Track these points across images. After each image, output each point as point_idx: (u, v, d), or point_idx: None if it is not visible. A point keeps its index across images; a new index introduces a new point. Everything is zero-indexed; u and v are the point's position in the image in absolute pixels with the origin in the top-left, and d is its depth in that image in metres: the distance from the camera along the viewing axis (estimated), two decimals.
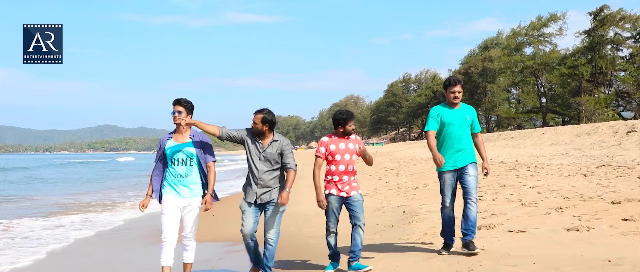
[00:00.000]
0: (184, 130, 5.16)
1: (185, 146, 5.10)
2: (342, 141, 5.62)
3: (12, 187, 25.10)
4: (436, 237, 6.76)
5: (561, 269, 4.75)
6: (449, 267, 5.27)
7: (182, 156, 5.09)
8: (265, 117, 5.24)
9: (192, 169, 5.11)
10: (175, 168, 5.09)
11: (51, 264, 7.50)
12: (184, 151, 5.09)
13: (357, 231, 5.56)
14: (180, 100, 5.10)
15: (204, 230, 9.46)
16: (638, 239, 5.59)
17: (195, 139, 5.17)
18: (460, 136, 5.74)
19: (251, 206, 5.31)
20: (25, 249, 8.42)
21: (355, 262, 5.54)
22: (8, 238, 9.37)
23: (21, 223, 11.16)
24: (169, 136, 5.20)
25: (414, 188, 12.97)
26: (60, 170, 48.45)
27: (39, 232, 9.99)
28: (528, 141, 27.80)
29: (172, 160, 5.10)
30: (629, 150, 15.94)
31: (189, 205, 5.10)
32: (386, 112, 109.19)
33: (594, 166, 13.49)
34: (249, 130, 5.36)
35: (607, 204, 7.54)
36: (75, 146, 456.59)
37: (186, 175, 5.08)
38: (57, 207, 15.02)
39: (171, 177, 5.10)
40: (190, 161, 5.11)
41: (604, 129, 23.77)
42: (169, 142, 5.14)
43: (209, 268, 6.46)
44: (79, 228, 10.57)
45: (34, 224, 11.11)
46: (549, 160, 17.54)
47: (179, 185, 5.07)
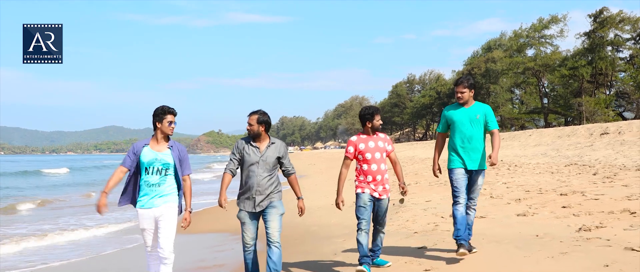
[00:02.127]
0: (164, 139, 4.94)
1: (163, 154, 4.87)
2: (371, 139, 5.49)
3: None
4: (416, 224, 8.32)
5: (501, 242, 6.28)
6: (418, 242, 6.82)
7: (158, 166, 4.85)
8: (260, 118, 5.13)
9: (166, 179, 4.88)
10: (148, 177, 4.84)
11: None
12: (160, 160, 4.85)
13: (379, 234, 5.62)
14: (173, 110, 4.93)
15: (206, 223, 10.96)
16: (566, 221, 7.14)
17: (174, 149, 4.95)
18: (471, 134, 5.66)
19: (250, 215, 5.15)
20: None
21: (376, 258, 5.69)
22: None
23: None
24: (145, 143, 4.94)
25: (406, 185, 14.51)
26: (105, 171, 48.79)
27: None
28: (516, 142, 29.40)
29: (146, 169, 4.85)
30: (598, 151, 17.49)
31: (162, 214, 4.82)
32: (391, 112, 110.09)
33: (563, 165, 15.05)
34: (239, 143, 5.24)
35: (556, 196, 9.11)
36: (81, 147, 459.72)
37: (159, 184, 4.85)
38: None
39: (143, 188, 4.86)
40: (166, 170, 4.88)
41: (582, 131, 25.33)
42: (145, 149, 4.88)
43: (212, 255, 7.62)
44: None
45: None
46: (529, 160, 19.06)
47: (152, 195, 4.84)
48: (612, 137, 21.27)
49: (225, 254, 7.97)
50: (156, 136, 4.92)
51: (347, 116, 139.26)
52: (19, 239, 9.98)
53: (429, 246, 6.55)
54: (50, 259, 8.33)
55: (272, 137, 5.22)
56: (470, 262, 5.46)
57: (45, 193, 22.89)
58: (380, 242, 5.65)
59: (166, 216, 4.81)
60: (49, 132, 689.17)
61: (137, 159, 4.86)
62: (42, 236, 10.27)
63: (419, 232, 7.59)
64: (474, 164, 5.65)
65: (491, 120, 5.72)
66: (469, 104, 5.76)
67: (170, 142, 4.97)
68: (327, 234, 8.54)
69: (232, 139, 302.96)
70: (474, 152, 5.65)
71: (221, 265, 7.19)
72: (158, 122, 4.90)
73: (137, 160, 4.87)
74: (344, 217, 9.36)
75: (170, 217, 4.83)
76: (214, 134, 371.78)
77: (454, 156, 5.72)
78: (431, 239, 6.95)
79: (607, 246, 5.47)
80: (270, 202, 5.11)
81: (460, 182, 5.66)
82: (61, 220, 13.14)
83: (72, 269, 7.73)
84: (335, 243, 7.53)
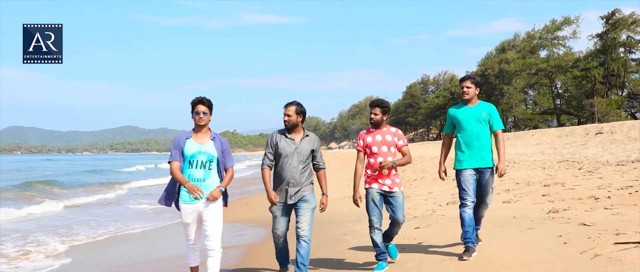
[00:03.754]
0: (204, 130, 4.83)
1: (206, 147, 4.78)
2: (378, 132, 5.45)
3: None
4: (416, 211, 9.52)
5: (484, 223, 7.45)
6: (415, 224, 8.03)
7: (202, 158, 4.75)
8: (298, 108, 5.10)
9: (211, 173, 4.78)
10: (193, 171, 4.75)
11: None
12: (204, 153, 4.75)
13: (394, 229, 5.47)
14: (204, 100, 4.80)
15: (233, 213, 12.11)
16: (541, 206, 8.35)
17: (217, 141, 4.86)
18: (478, 133, 5.58)
19: (283, 207, 5.12)
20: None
21: (389, 244, 5.64)
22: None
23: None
24: (188, 136, 4.84)
25: (412, 180, 15.73)
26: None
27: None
28: (519, 141, 30.55)
29: (190, 162, 4.75)
30: (590, 149, 18.66)
31: (209, 207, 4.75)
32: (405, 113, 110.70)
33: (556, 162, 16.22)
34: (272, 137, 5.21)
35: (540, 187, 10.30)
36: (97, 146, 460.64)
37: (204, 179, 4.75)
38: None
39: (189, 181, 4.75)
40: (210, 164, 4.78)
41: (579, 131, 26.49)
42: (188, 142, 4.78)
43: (234, 242, 8.26)
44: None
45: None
46: (527, 157, 20.18)
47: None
48: (605, 137, 22.43)
49: (241, 239, 8.85)
50: (195, 128, 4.84)
51: (361, 116, 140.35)
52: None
53: (423, 226, 7.76)
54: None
55: (306, 131, 5.21)
56: (454, 235, 6.66)
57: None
58: (394, 234, 5.57)
59: (213, 209, 4.74)
60: (64, 132, 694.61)
61: (181, 152, 4.77)
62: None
63: (418, 217, 8.78)
64: (482, 162, 5.55)
65: (496, 120, 5.64)
66: (473, 102, 5.69)
67: (213, 133, 4.89)
68: (338, 220, 9.71)
69: (247, 139, 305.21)
70: (481, 151, 5.55)
71: (237, 246, 8.14)
72: (191, 113, 4.82)
73: (181, 153, 4.77)
74: (355, 207, 10.52)
75: (216, 211, 4.76)
76: (229, 134, 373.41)
77: (461, 155, 5.62)
78: (426, 221, 8.17)
79: (566, 223, 6.68)
80: (303, 196, 5.09)
81: (467, 183, 5.56)
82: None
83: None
84: (346, 226, 8.70)
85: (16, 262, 7.48)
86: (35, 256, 7.95)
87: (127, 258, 7.94)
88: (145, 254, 8.29)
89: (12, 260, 7.64)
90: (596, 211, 7.31)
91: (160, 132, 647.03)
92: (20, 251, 8.24)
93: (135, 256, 8.16)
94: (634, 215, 6.75)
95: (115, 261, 7.67)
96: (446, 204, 9.77)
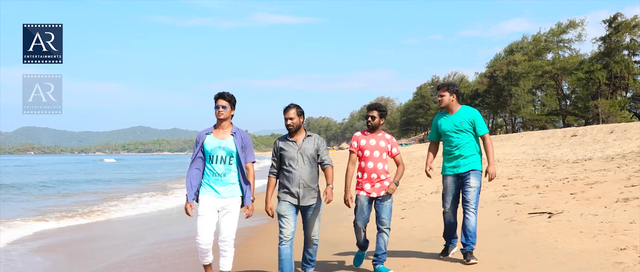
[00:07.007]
0: (225, 125, 4.88)
1: (226, 142, 4.83)
2: (372, 136, 5.46)
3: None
4: (406, 199, 12.04)
5: None
6: (402, 206, 10.56)
7: (222, 153, 4.81)
8: (299, 110, 5.11)
9: (231, 168, 4.84)
10: (213, 166, 4.81)
11: None
12: (224, 148, 4.81)
13: (381, 235, 5.40)
14: (224, 94, 4.86)
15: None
16: (498, 193, 10.86)
17: (237, 136, 4.88)
18: (458, 142, 5.67)
19: (292, 208, 5.09)
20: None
21: (379, 265, 5.44)
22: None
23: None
24: (209, 131, 4.90)
25: (410, 176, 18.26)
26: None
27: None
28: (509, 142, 32.96)
29: (210, 157, 4.82)
30: (561, 149, 21.29)
31: (227, 206, 4.82)
32: (415, 113, 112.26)
33: (530, 160, 18.72)
34: (275, 144, 5.21)
35: (505, 180, 12.87)
36: (110, 147, 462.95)
37: (224, 174, 4.81)
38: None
39: (209, 176, 4.83)
40: (230, 159, 4.83)
41: (559, 134, 28.97)
42: (209, 137, 4.85)
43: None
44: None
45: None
46: (511, 157, 22.61)
47: (217, 184, 4.81)
48: (577, 139, 24.92)
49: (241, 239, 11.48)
50: (217, 122, 4.90)
51: None
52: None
53: (408, 208, 10.30)
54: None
55: (308, 131, 5.22)
56: (432, 215, 9.17)
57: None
58: (383, 246, 5.41)
59: (230, 208, 4.81)
60: (77, 133, 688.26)
61: (201, 148, 4.84)
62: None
63: (406, 203, 11.28)
64: (462, 168, 5.64)
65: (480, 125, 5.67)
66: (453, 110, 5.75)
67: (234, 128, 4.94)
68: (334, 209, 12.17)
69: (260, 139, 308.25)
70: (461, 158, 5.65)
71: (237, 246, 10.07)
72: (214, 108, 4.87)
73: (201, 149, 4.85)
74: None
75: (234, 210, 4.83)
76: None
77: (444, 162, 5.82)
78: (411, 204, 10.71)
79: (507, 203, 9.22)
80: (313, 204, 5.11)
81: (447, 189, 5.76)
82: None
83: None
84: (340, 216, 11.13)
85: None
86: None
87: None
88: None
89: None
90: (531, 196, 9.85)
91: (172, 132, 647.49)
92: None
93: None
94: (555, 197, 9.27)
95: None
96: (430, 193, 12.28)
